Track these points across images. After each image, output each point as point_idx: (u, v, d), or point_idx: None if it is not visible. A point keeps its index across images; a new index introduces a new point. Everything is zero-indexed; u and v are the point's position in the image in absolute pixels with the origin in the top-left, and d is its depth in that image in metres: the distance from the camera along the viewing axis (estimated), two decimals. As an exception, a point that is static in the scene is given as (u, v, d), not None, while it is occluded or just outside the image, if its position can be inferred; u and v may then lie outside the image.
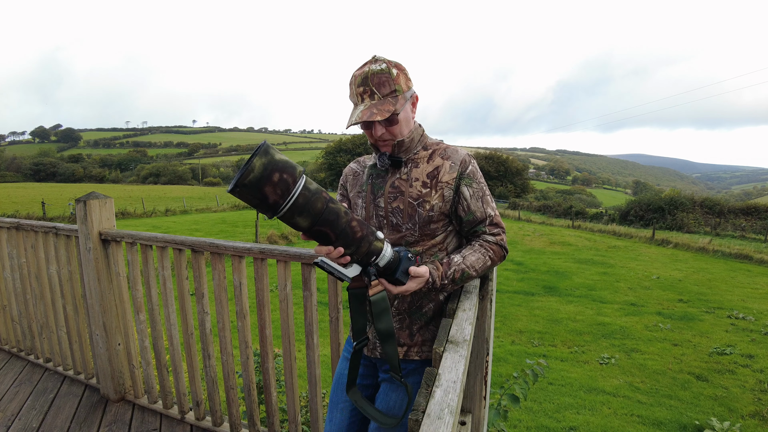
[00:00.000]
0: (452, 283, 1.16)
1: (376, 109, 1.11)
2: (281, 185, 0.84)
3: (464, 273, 1.16)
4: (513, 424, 4.25)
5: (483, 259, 1.20)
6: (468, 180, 1.21)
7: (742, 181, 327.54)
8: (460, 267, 1.16)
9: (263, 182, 0.82)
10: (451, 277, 1.15)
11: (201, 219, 23.47)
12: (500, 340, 6.98)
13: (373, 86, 1.13)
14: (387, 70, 1.14)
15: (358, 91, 1.15)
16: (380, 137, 1.19)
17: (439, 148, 1.25)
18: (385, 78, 1.14)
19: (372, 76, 1.14)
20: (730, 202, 33.51)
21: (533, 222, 27.76)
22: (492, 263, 1.23)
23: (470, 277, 1.18)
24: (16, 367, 2.87)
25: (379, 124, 1.17)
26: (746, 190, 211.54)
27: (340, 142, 59.65)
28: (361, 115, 1.11)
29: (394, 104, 1.13)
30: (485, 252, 1.21)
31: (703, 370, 5.88)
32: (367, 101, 1.14)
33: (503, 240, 1.25)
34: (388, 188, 1.24)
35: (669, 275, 12.32)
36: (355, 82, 1.16)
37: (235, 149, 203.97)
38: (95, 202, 2.25)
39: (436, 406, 0.72)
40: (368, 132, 1.21)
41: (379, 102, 1.13)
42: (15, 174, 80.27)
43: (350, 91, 1.19)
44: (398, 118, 1.17)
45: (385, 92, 1.14)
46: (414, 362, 1.26)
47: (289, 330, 1.83)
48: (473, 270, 1.18)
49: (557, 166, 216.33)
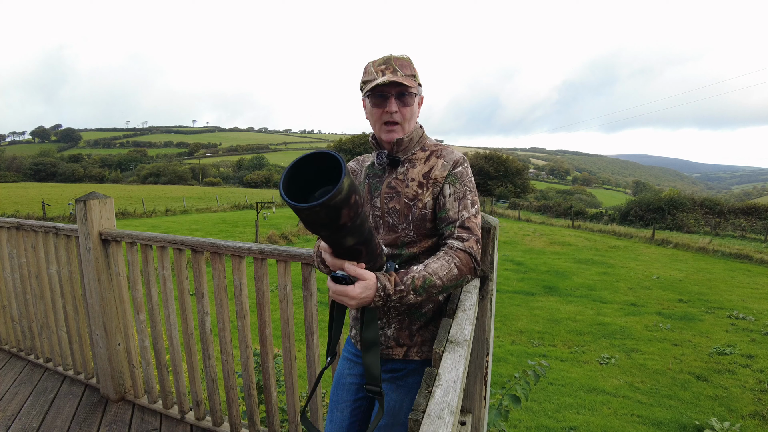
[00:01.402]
0: (414, 292, 1.02)
1: (399, 75, 1.15)
2: (354, 207, 0.80)
3: (426, 280, 1.03)
4: (513, 424, 4.25)
5: (447, 266, 1.07)
6: (453, 179, 1.20)
7: (742, 181, 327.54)
8: (421, 274, 1.04)
9: (344, 204, 0.76)
10: (410, 283, 1.01)
11: (201, 219, 23.49)
12: (500, 340, 6.99)
13: (395, 65, 1.17)
14: (408, 59, 1.20)
15: (380, 68, 1.17)
16: (392, 115, 1.19)
17: (436, 150, 1.26)
18: (407, 63, 1.20)
19: (395, 59, 1.18)
20: (730, 202, 33.53)
21: (533, 222, 27.77)
22: (459, 273, 1.09)
23: (435, 285, 1.05)
24: (16, 367, 2.87)
25: (395, 99, 1.18)
26: (746, 190, 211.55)
27: (340, 142, 59.68)
28: (387, 77, 1.13)
29: (413, 84, 1.18)
30: (449, 259, 1.09)
31: (703, 370, 5.88)
32: (389, 74, 1.16)
33: (473, 248, 1.13)
34: (385, 188, 1.24)
35: (669, 275, 12.32)
36: (374, 64, 1.19)
37: (235, 149, 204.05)
38: (95, 202, 2.25)
39: (436, 406, 0.72)
40: (378, 111, 1.20)
41: (403, 77, 1.16)
42: (15, 174, 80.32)
43: (366, 74, 1.20)
44: (412, 102, 1.20)
45: (407, 73, 1.18)
46: (414, 362, 1.26)
47: (289, 330, 1.83)
48: (437, 277, 1.05)
49: (557, 166, 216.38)
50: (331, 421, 1.34)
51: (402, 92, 1.17)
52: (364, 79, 1.21)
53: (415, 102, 1.22)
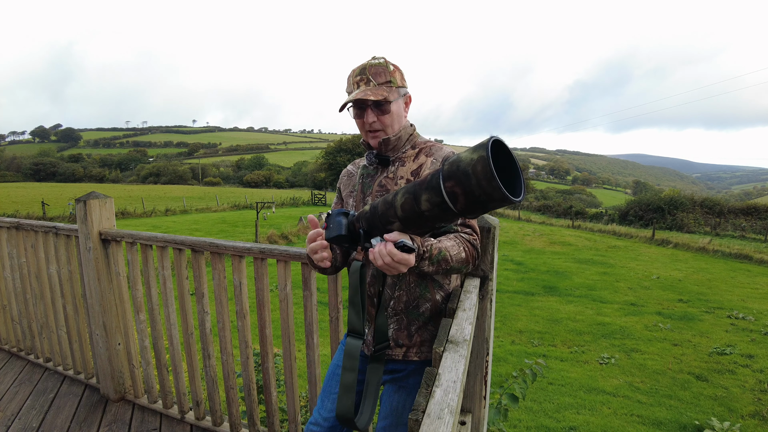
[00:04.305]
0: (429, 260, 1.05)
1: (370, 91, 1.17)
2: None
3: (441, 252, 1.07)
4: (513, 424, 4.25)
5: (458, 248, 1.12)
6: None
7: (742, 181, 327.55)
8: (437, 246, 1.07)
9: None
10: (428, 250, 1.05)
11: (201, 219, 23.48)
12: (500, 340, 6.98)
13: (369, 75, 1.19)
14: (384, 64, 1.21)
15: (355, 80, 1.21)
16: (371, 125, 1.22)
17: (426, 147, 1.27)
18: (382, 69, 1.20)
19: (370, 67, 1.20)
20: (730, 202, 33.52)
21: (533, 222, 27.76)
22: (465, 258, 1.13)
23: (446, 260, 1.08)
24: (16, 366, 2.87)
25: (371, 110, 1.20)
26: (746, 190, 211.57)
27: (340, 142, 59.62)
28: (355, 94, 1.17)
29: (388, 92, 1.18)
30: (459, 243, 1.13)
31: (703, 370, 5.88)
32: (362, 87, 1.19)
33: (476, 242, 1.19)
34: (376, 187, 1.27)
35: (669, 275, 12.31)
36: (353, 74, 1.22)
37: (235, 149, 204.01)
38: (95, 202, 2.25)
39: (436, 405, 0.72)
40: (360, 122, 1.24)
41: (375, 87, 1.18)
42: (15, 174, 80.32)
43: (347, 84, 1.23)
44: (390, 108, 1.21)
45: (381, 81, 1.19)
46: (414, 363, 1.26)
47: (289, 330, 1.83)
48: (448, 254, 1.08)
49: (557, 166, 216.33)
50: (322, 407, 1.36)
51: (378, 102, 1.19)
52: (346, 89, 1.24)
53: (396, 106, 1.23)
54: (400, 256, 0.94)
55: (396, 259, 0.94)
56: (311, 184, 61.20)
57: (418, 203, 0.87)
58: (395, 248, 0.94)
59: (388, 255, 0.94)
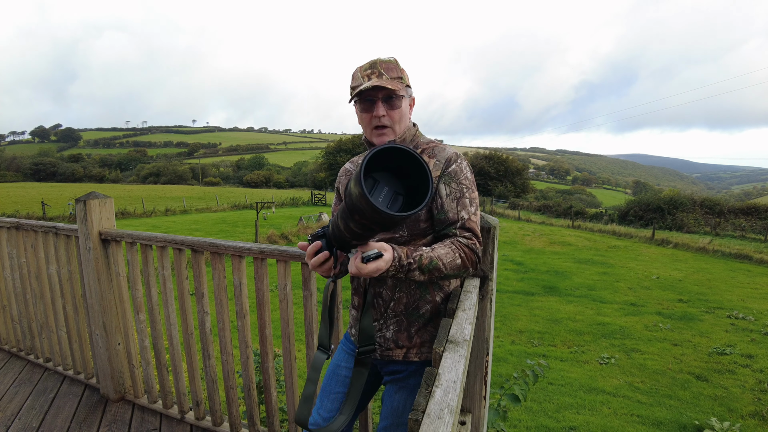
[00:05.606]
0: (419, 269, 1.07)
1: (384, 79, 1.17)
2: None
3: (432, 261, 1.07)
4: (513, 424, 4.25)
5: (452, 255, 1.11)
6: (447, 178, 1.19)
7: (742, 181, 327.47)
8: (428, 255, 1.08)
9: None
10: (418, 260, 1.06)
11: (201, 219, 23.49)
12: (500, 340, 6.98)
13: (381, 69, 1.19)
14: (395, 62, 1.21)
15: (365, 74, 1.19)
16: (380, 119, 1.20)
17: (428, 147, 1.25)
18: (393, 65, 1.20)
19: (381, 62, 1.20)
20: (730, 202, 33.51)
21: (533, 222, 27.76)
22: (462, 264, 1.13)
23: (438, 269, 1.09)
24: (16, 366, 2.87)
25: (382, 103, 1.19)
26: (746, 190, 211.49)
27: (340, 142, 59.63)
28: (371, 82, 1.16)
29: (400, 86, 1.19)
30: (455, 249, 1.12)
31: (703, 370, 5.87)
32: (374, 79, 1.18)
33: (476, 246, 1.16)
34: None
35: (669, 275, 12.32)
36: (361, 69, 1.21)
37: (235, 149, 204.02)
38: (95, 202, 2.25)
39: (435, 406, 0.72)
40: (367, 116, 1.21)
41: (389, 80, 1.18)
42: (15, 174, 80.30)
43: (354, 80, 1.22)
44: (401, 104, 1.20)
45: (393, 76, 1.19)
46: (414, 363, 1.26)
47: (289, 330, 1.83)
48: (441, 263, 1.08)
49: (557, 166, 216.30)
50: (321, 407, 1.36)
51: (389, 95, 1.18)
52: (352, 84, 1.22)
53: (404, 104, 1.22)
54: (368, 268, 1.00)
55: (365, 271, 1.00)
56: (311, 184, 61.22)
57: (350, 228, 0.98)
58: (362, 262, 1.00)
59: (356, 269, 1.01)
